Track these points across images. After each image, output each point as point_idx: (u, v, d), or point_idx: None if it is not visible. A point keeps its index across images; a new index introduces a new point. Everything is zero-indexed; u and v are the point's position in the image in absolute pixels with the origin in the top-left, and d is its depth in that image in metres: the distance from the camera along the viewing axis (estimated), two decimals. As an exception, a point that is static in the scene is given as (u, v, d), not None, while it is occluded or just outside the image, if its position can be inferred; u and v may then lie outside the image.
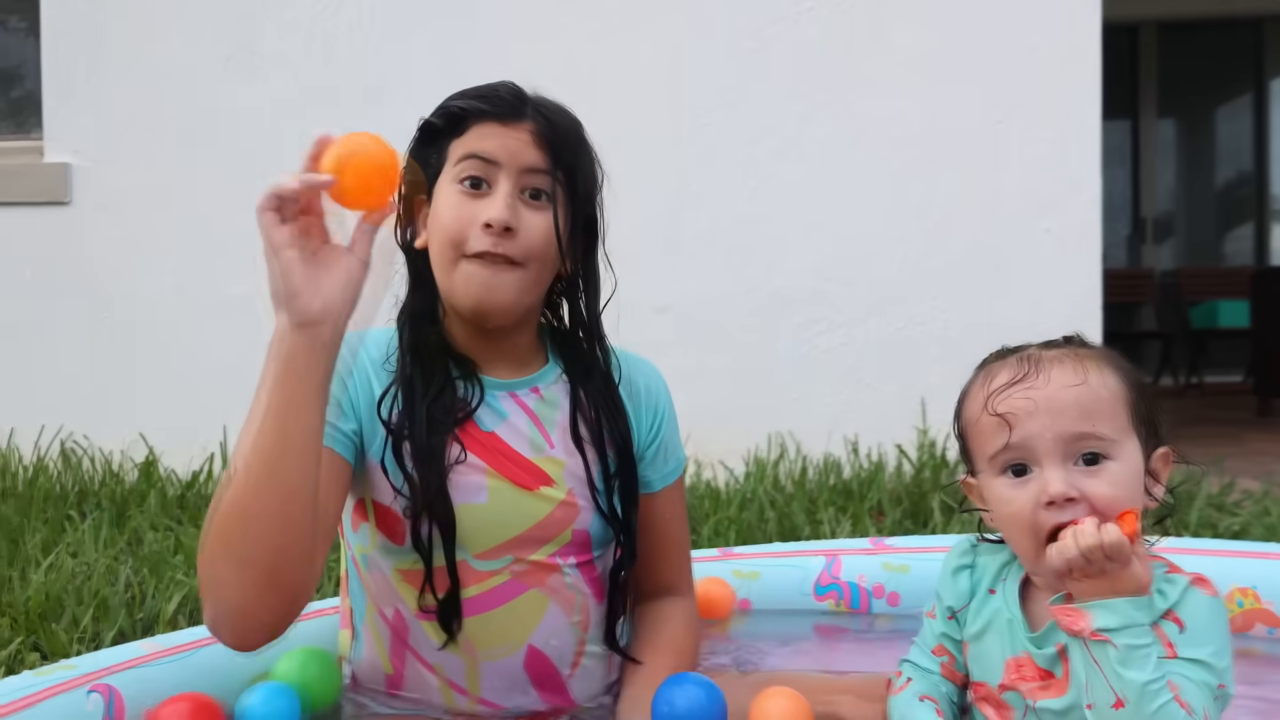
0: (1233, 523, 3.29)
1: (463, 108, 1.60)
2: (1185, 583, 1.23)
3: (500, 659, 1.59)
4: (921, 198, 4.48)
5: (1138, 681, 1.14)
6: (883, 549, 2.40)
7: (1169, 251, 10.22)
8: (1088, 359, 1.28)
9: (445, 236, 1.56)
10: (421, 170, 1.62)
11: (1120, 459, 1.24)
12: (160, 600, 2.70)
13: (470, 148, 1.57)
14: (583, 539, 1.64)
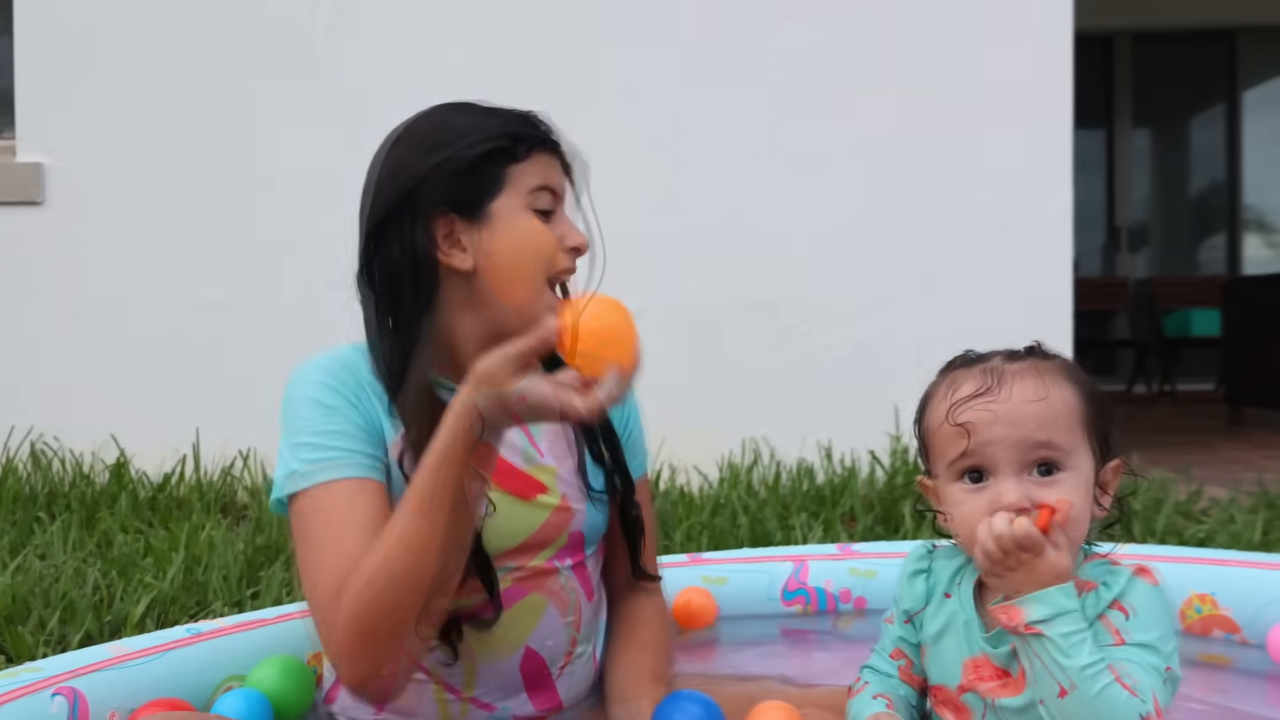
0: (1198, 530, 3.32)
1: (523, 134, 1.62)
2: (1128, 574, 1.27)
3: (498, 661, 1.62)
4: (896, 206, 4.51)
5: (1076, 666, 1.17)
6: (850, 554, 2.42)
7: (1143, 260, 10.30)
8: (1049, 373, 1.31)
9: (538, 257, 1.60)
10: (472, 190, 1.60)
11: (1073, 470, 1.27)
12: (128, 603, 2.69)
13: (542, 180, 1.62)
14: (577, 540, 1.69)
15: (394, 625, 1.43)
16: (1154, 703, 1.18)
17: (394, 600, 1.41)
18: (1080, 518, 1.27)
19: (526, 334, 1.39)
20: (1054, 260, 4.45)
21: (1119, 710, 1.17)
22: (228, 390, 4.65)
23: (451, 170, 1.58)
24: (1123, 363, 9.92)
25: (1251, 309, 7.11)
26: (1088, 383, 1.32)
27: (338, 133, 4.61)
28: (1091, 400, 1.30)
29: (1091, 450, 1.29)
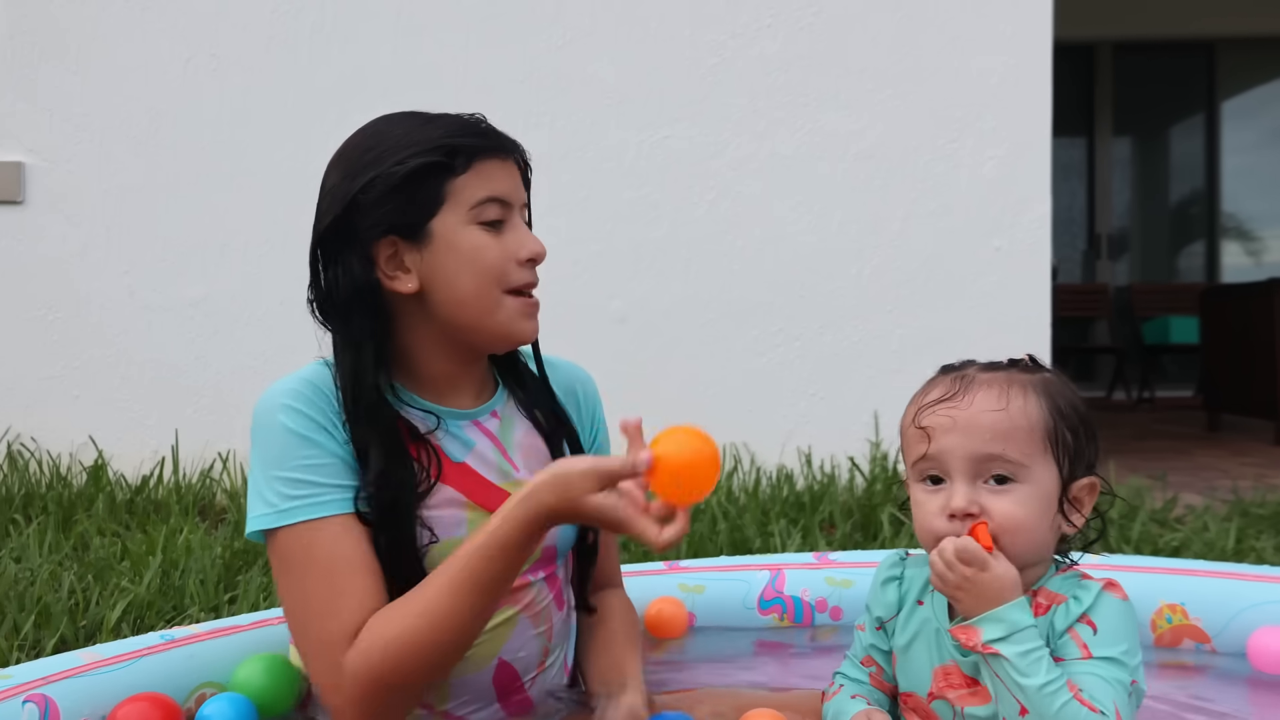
0: (1173, 538, 3.33)
1: (461, 145, 1.56)
2: (1098, 589, 1.29)
3: (471, 674, 1.61)
4: (876, 213, 4.53)
5: (1034, 685, 1.20)
6: (826, 564, 2.42)
7: (1124, 267, 10.35)
8: (1018, 385, 1.32)
9: (489, 275, 1.56)
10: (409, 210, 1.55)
11: (1029, 483, 1.28)
12: (104, 608, 2.68)
13: (488, 190, 1.56)
14: (550, 553, 1.68)
15: (406, 690, 1.46)
16: (1115, 716, 1.19)
17: (411, 668, 1.43)
18: (1028, 530, 1.28)
19: (621, 459, 1.38)
20: (1033, 268, 4.47)
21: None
22: (208, 392, 4.64)
23: (382, 191, 1.54)
24: (1102, 370, 9.97)
25: (1229, 317, 7.16)
26: (1064, 400, 1.33)
27: (321, 133, 4.58)
28: (1062, 417, 1.31)
29: (1056, 465, 1.30)
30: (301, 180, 4.55)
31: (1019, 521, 1.27)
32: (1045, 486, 1.29)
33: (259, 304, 4.62)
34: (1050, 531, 1.31)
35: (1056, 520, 1.31)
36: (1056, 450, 1.30)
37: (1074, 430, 1.31)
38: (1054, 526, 1.31)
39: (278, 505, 1.49)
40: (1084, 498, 1.32)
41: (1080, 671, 1.23)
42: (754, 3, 4.54)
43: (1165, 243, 10.48)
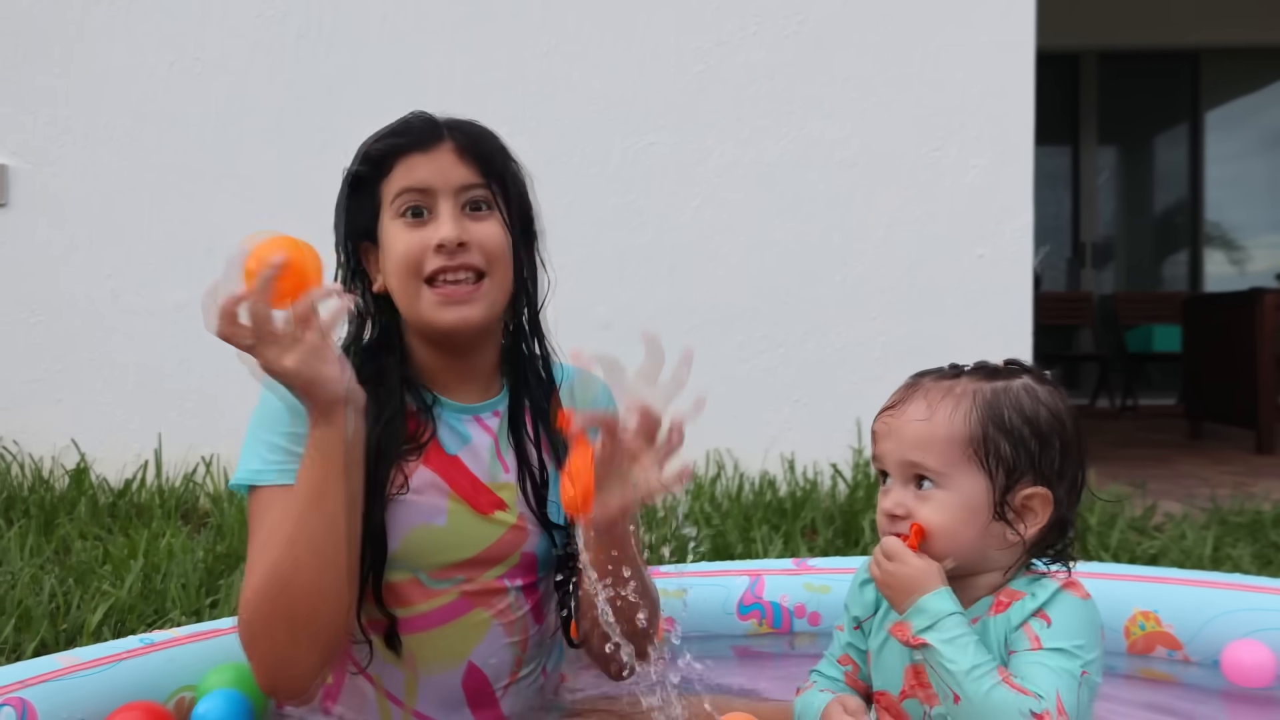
0: (1151, 546, 3.36)
1: (382, 149, 1.64)
2: (1055, 586, 1.31)
3: (440, 674, 1.63)
4: (860, 221, 4.55)
5: (961, 669, 1.23)
6: (805, 569, 2.44)
7: (1108, 276, 10.40)
8: (955, 396, 1.34)
9: (402, 268, 1.61)
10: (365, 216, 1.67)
11: (948, 490, 1.32)
12: (85, 611, 2.68)
13: (402, 183, 1.62)
14: (530, 561, 1.69)
15: (283, 625, 1.47)
16: (1055, 701, 1.21)
17: (273, 597, 1.46)
18: (948, 534, 1.32)
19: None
20: (1015, 275, 4.50)
21: (1005, 709, 1.21)
22: (191, 395, 4.64)
23: (342, 203, 1.68)
24: (1086, 377, 10.01)
25: (1210, 325, 7.20)
26: (1015, 411, 1.33)
27: (306, 137, 4.61)
28: (1000, 429, 1.32)
29: (986, 475, 1.32)
30: (287, 184, 4.59)
31: (936, 526, 1.32)
32: (968, 495, 1.32)
33: (243, 308, 4.62)
34: (984, 537, 1.33)
35: (997, 528, 1.32)
36: (985, 460, 1.31)
37: (1015, 442, 1.32)
38: (990, 533, 1.33)
39: (255, 466, 1.56)
40: (1035, 508, 1.33)
41: (1026, 661, 1.26)
42: (739, 11, 4.56)
43: (1149, 251, 10.54)
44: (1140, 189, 10.53)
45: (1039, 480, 1.32)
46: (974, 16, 4.52)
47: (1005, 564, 1.34)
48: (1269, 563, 3.25)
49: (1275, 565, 3.21)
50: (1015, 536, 1.33)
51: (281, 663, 1.49)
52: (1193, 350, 7.61)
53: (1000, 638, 1.30)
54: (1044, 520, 1.33)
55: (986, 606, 1.33)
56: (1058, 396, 1.36)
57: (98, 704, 1.69)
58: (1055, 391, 1.37)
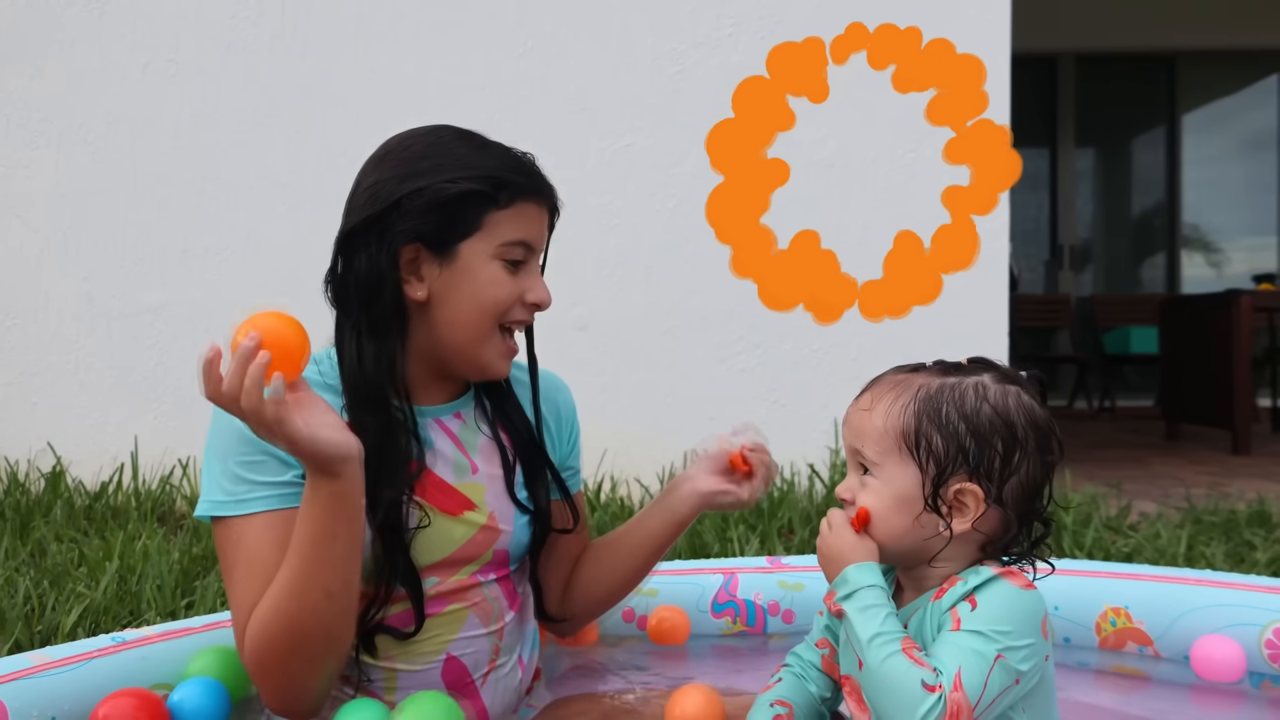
0: (1125, 545, 3.38)
1: (509, 181, 1.62)
2: (989, 574, 1.32)
3: (420, 669, 1.65)
4: (836, 222, 4.55)
5: (865, 636, 1.26)
6: (779, 568, 2.45)
7: (1087, 278, 10.45)
8: (898, 389, 1.38)
9: (491, 308, 1.62)
10: (445, 227, 1.60)
11: (881, 479, 1.37)
12: (60, 613, 2.67)
13: (520, 233, 1.63)
14: (502, 556, 1.71)
15: (296, 658, 1.48)
16: (953, 677, 1.22)
17: (285, 637, 1.47)
18: (880, 520, 1.36)
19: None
20: (991, 277, 4.52)
21: (898, 678, 1.22)
22: (167, 398, 4.62)
23: (428, 202, 1.58)
24: (1064, 379, 10.06)
25: (1188, 327, 7.24)
26: (956, 407, 1.35)
27: (280, 139, 4.61)
28: (934, 419, 1.34)
29: (918, 467, 1.34)
30: (262, 186, 4.59)
31: (870, 510, 1.37)
32: (898, 485, 1.35)
33: (219, 310, 4.60)
34: (917, 527, 1.35)
35: (930, 519, 1.34)
36: (916, 454, 1.34)
37: (948, 436, 1.33)
38: (923, 524, 1.34)
39: (217, 497, 1.55)
40: (966, 502, 1.34)
41: (941, 641, 1.27)
42: (715, 12, 4.57)
43: (1127, 254, 10.59)
44: (1118, 192, 10.59)
45: (973, 476, 1.33)
46: (949, 18, 4.53)
47: (953, 556, 1.36)
48: (1241, 561, 3.28)
49: (1248, 563, 3.24)
50: (946, 531, 1.34)
51: (296, 688, 1.52)
52: (1170, 352, 7.65)
53: (935, 623, 1.33)
54: (976, 514, 1.33)
55: (930, 596, 1.36)
56: (1013, 397, 1.36)
57: (70, 702, 1.69)
58: (1013, 392, 1.36)
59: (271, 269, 4.50)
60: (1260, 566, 3.19)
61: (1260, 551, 3.33)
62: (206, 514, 1.57)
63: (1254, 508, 4.00)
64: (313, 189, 4.53)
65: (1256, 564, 3.21)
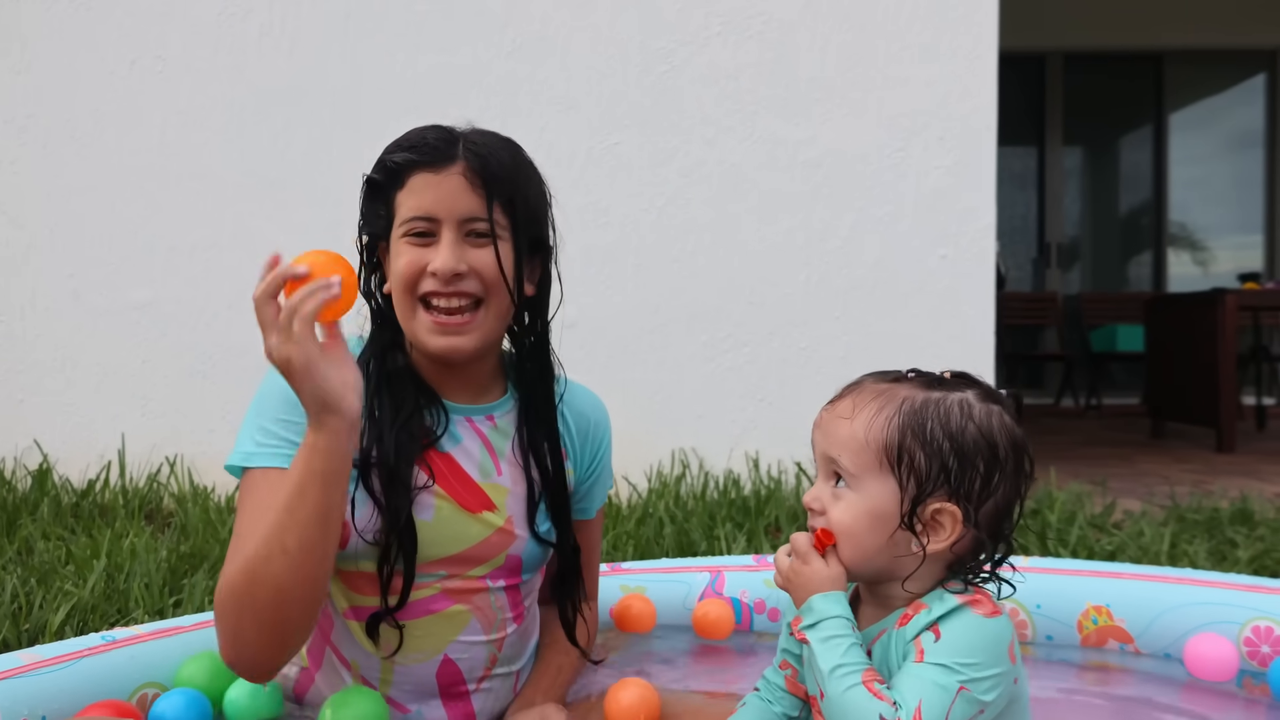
0: (1109, 543, 3.40)
1: (397, 162, 1.65)
2: (955, 602, 1.29)
3: (416, 664, 1.66)
4: (825, 221, 4.58)
5: (826, 668, 1.25)
6: (765, 565, 2.47)
7: (1074, 276, 10.49)
8: (881, 400, 1.34)
9: (401, 284, 1.64)
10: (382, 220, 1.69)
11: (858, 492, 1.32)
12: (48, 611, 2.67)
13: (414, 210, 1.63)
14: (515, 564, 1.72)
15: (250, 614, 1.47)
16: (913, 711, 1.20)
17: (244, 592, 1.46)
18: (853, 537, 1.31)
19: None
20: (977, 276, 4.54)
21: (857, 709, 1.21)
22: (155, 396, 4.62)
23: (363, 203, 1.71)
24: (1051, 377, 10.11)
25: (1174, 325, 7.28)
26: (940, 425, 1.32)
27: (269, 136, 4.61)
28: (919, 440, 1.31)
29: (897, 484, 1.30)
30: (250, 183, 4.59)
31: (842, 526, 1.32)
32: (876, 501, 1.31)
33: (206, 307, 4.61)
34: (890, 545, 1.32)
35: (903, 537, 1.31)
36: (897, 470, 1.30)
37: (931, 454, 1.30)
38: (897, 542, 1.31)
39: (247, 449, 1.60)
40: (944, 523, 1.31)
41: (903, 673, 1.25)
42: (703, 11, 4.58)
43: (1114, 252, 10.63)
44: (1105, 190, 10.63)
45: (952, 497, 1.31)
46: (937, 17, 4.56)
47: (919, 575, 1.33)
48: (1224, 559, 3.30)
49: (1230, 561, 3.26)
50: (918, 549, 1.31)
51: (242, 646, 1.50)
52: (1156, 350, 7.69)
53: (900, 651, 1.30)
54: (953, 537, 1.31)
55: (895, 620, 1.33)
56: (996, 417, 1.33)
57: (60, 701, 1.69)
58: (996, 412, 1.34)
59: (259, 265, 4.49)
60: (1242, 564, 3.21)
61: (1242, 549, 3.35)
62: (235, 464, 1.61)
63: (1236, 506, 4.02)
64: (301, 186, 4.53)
65: (1238, 562, 3.24)
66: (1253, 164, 10.11)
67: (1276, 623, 2.09)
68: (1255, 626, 2.11)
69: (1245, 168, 10.14)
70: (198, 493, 4.23)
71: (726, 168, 4.59)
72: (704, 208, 4.60)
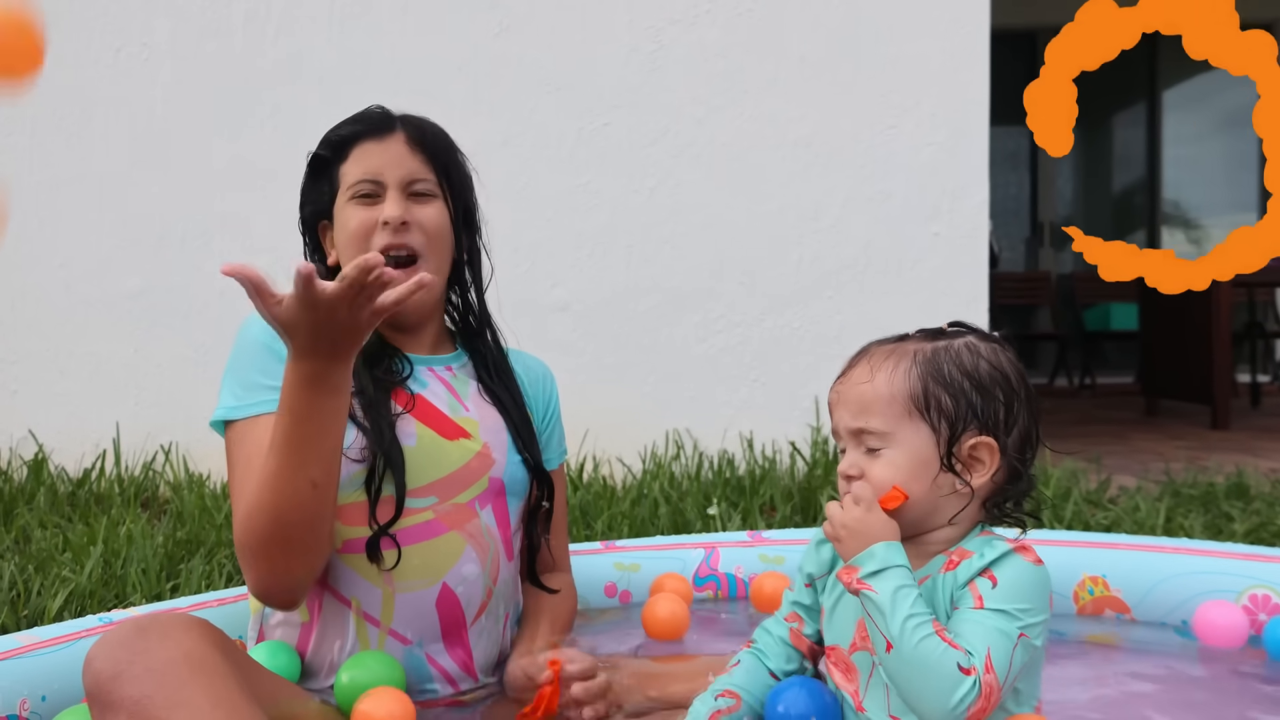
0: (1104, 517, 3.41)
1: (342, 135, 1.84)
2: (1006, 548, 1.33)
3: (416, 591, 1.70)
4: (816, 200, 4.58)
5: (899, 617, 1.26)
6: (760, 541, 2.48)
7: (1067, 256, 10.49)
8: (895, 357, 1.39)
9: (352, 243, 1.79)
10: (324, 197, 1.86)
11: (894, 447, 1.36)
12: (46, 597, 2.67)
13: (357, 171, 1.81)
14: (498, 486, 1.81)
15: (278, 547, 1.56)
16: (984, 658, 1.24)
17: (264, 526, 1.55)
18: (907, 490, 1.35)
19: None
20: (970, 254, 4.54)
21: (934, 661, 1.23)
22: (148, 385, 4.61)
23: (306, 184, 1.90)
24: (1045, 356, 10.12)
25: (1167, 303, 7.28)
26: (954, 365, 1.38)
27: (256, 122, 4.59)
28: (940, 382, 1.36)
29: (930, 428, 1.36)
30: (238, 170, 4.57)
31: (886, 482, 1.36)
32: (914, 450, 1.36)
33: (197, 296, 4.60)
34: (935, 489, 1.36)
35: (946, 479, 1.36)
36: (926, 413, 1.36)
37: (955, 394, 1.36)
38: (940, 485, 1.36)
39: (229, 402, 1.71)
40: (982, 457, 1.36)
41: (965, 619, 1.28)
42: (692, -11, 4.57)
43: (1108, 231, 10.56)
44: (1099, 169, 10.62)
45: (984, 430, 1.36)
46: (929, -6, 4.56)
47: (959, 518, 1.37)
48: (1219, 532, 3.31)
49: (1225, 534, 3.27)
50: (965, 486, 1.36)
51: (277, 576, 1.59)
52: (1150, 328, 7.70)
53: (948, 595, 1.33)
54: (993, 468, 1.36)
55: (939, 565, 1.35)
56: (1001, 353, 1.40)
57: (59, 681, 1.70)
58: (999, 348, 1.41)
59: (249, 253, 4.49)
60: (1238, 537, 3.22)
61: (1238, 523, 3.36)
62: (219, 418, 1.72)
63: (1232, 480, 4.03)
64: (289, 172, 4.50)
65: (1234, 535, 3.25)
66: (1247, 142, 10.08)
67: (1274, 590, 2.09)
68: (1253, 594, 2.12)
69: (1239, 146, 10.11)
70: (193, 480, 4.22)
71: (717, 147, 4.58)
72: (695, 188, 4.59)
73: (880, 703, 1.37)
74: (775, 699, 1.45)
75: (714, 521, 3.41)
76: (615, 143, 4.59)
